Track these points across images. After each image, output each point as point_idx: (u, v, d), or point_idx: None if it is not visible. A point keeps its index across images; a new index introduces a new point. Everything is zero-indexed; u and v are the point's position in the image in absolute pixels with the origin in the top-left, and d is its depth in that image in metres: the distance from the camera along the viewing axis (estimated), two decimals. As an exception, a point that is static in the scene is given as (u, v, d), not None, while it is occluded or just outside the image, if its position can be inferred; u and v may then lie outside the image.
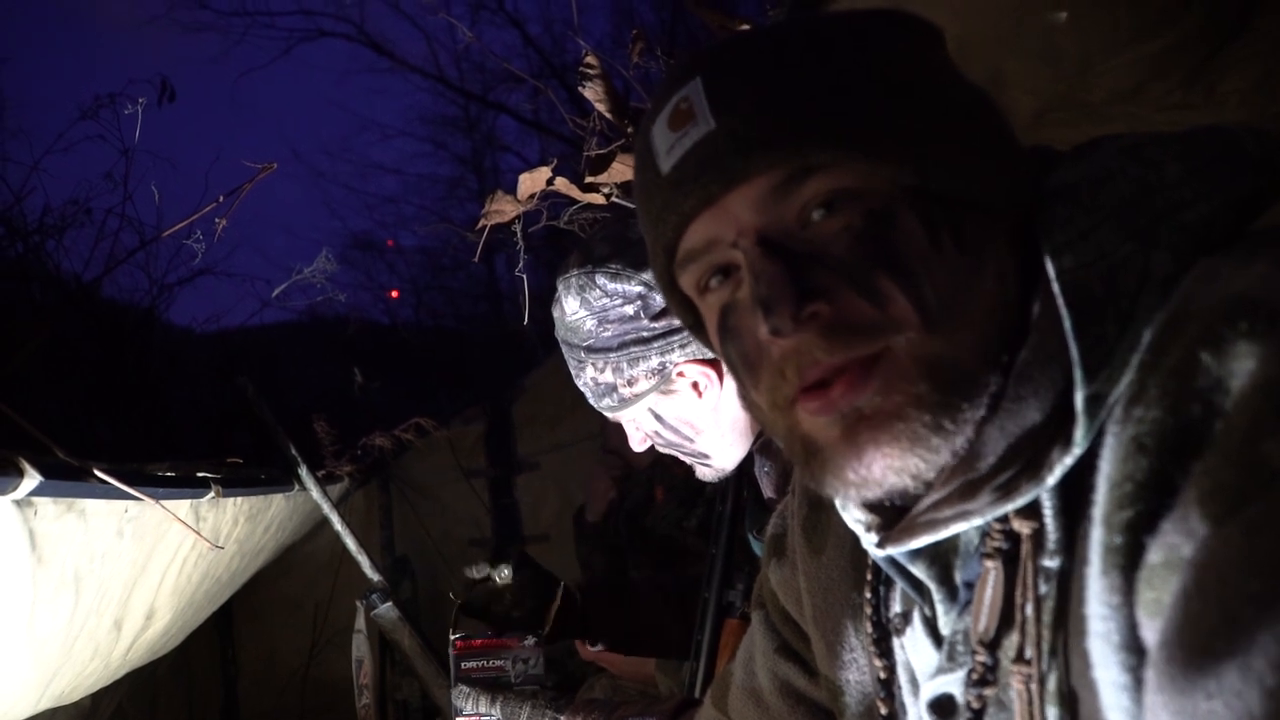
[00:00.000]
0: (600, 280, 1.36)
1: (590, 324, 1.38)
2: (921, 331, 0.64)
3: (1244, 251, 0.58)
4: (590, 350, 1.40)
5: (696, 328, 0.82)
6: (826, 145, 0.65)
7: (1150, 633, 0.53)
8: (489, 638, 1.51)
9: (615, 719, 1.29)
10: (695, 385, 1.39)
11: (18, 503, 1.28)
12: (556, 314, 1.46)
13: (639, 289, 1.35)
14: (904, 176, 0.66)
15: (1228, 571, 0.47)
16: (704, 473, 1.52)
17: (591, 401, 1.47)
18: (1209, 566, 0.48)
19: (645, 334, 1.36)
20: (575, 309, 1.40)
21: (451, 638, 1.50)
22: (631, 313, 1.36)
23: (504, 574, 1.55)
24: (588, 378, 1.43)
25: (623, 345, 1.37)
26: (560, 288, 1.42)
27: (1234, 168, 0.63)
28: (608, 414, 1.48)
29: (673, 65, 0.73)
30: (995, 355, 0.66)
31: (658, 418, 1.43)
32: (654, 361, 1.37)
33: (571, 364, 1.46)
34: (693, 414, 1.42)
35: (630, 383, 1.39)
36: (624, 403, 1.42)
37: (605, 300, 1.37)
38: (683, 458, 1.49)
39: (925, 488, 0.68)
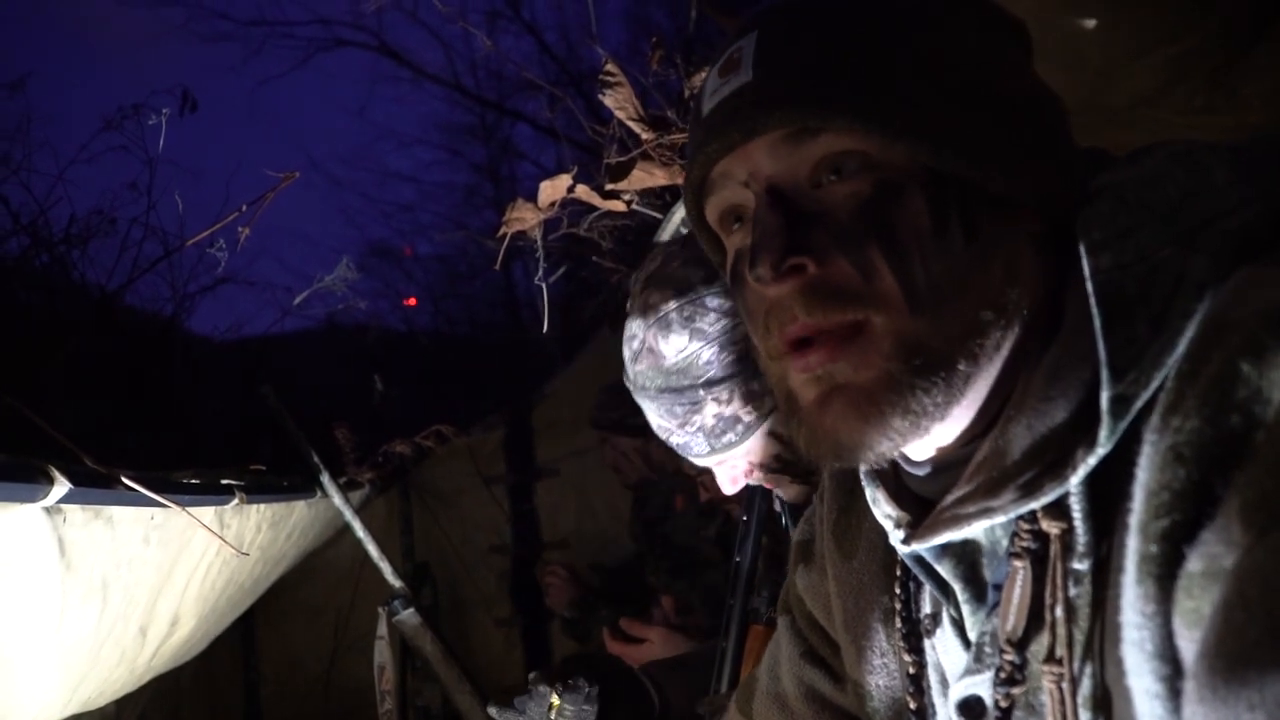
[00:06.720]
0: (713, 302, 1.30)
1: (709, 353, 1.29)
2: (904, 311, 0.65)
3: None
4: (710, 384, 1.30)
5: (724, 266, 0.83)
6: (840, 112, 0.66)
7: (1188, 643, 0.53)
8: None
9: None
10: None
11: (48, 510, 1.29)
12: (645, 366, 1.34)
13: None
14: (920, 155, 0.66)
15: (1273, 580, 0.46)
16: (796, 494, 1.42)
17: (698, 450, 1.35)
18: (1253, 576, 0.47)
19: None
20: (684, 344, 1.30)
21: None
22: None
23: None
24: (706, 417, 1.31)
25: (752, 360, 1.27)
26: (653, 333, 1.32)
27: None
28: (719, 456, 1.35)
29: (743, 17, 0.76)
30: (980, 348, 0.67)
31: (777, 437, 1.33)
32: None
33: (676, 414, 1.33)
34: None
35: (758, 404, 1.30)
36: (747, 430, 1.32)
37: (725, 320, 1.30)
38: (788, 483, 1.39)
39: (943, 480, 0.69)
